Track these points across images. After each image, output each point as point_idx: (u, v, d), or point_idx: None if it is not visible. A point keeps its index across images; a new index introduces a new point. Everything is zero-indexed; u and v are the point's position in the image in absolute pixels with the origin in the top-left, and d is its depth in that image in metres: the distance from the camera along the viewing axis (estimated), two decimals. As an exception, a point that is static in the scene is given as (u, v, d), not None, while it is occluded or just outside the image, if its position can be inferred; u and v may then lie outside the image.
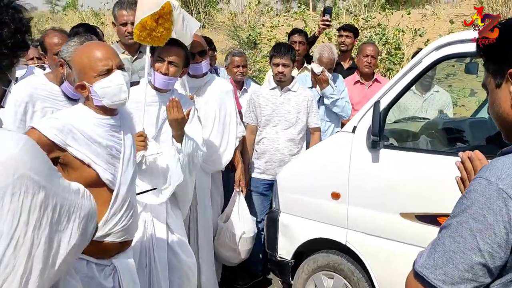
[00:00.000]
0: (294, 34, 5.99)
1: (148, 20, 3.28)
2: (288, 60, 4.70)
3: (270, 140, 4.78)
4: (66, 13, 24.89)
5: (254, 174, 4.92)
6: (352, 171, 3.64)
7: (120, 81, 2.52)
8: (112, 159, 2.55)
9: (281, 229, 4.15)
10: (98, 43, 2.80)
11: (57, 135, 2.37)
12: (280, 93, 4.79)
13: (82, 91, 2.53)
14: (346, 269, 3.77)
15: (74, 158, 2.42)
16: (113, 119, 2.60)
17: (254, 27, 13.00)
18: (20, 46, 1.57)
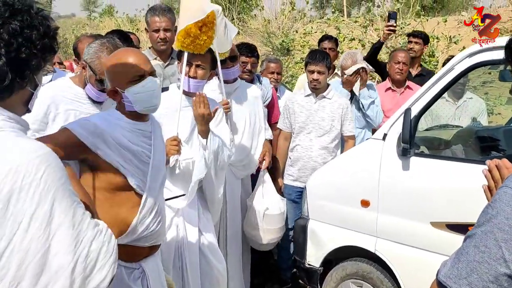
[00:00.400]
0: (324, 41, 5.97)
1: (193, 28, 3.31)
2: (323, 67, 4.69)
3: (304, 148, 4.77)
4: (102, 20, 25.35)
5: (287, 181, 4.91)
6: (382, 179, 3.61)
7: (152, 87, 2.55)
8: (141, 164, 2.57)
9: (310, 236, 4.14)
10: (130, 49, 2.83)
11: (88, 137, 2.40)
12: (315, 100, 4.77)
13: (114, 97, 2.57)
14: (375, 278, 3.73)
15: (103, 161, 2.45)
16: (144, 124, 2.63)
17: (287, 34, 13.01)
18: (48, 49, 1.65)
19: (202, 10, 3.33)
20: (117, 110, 2.62)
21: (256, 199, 4.45)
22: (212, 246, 3.63)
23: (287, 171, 4.93)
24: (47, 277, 1.50)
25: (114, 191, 2.51)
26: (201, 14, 3.31)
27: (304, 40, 11.67)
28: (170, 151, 3.29)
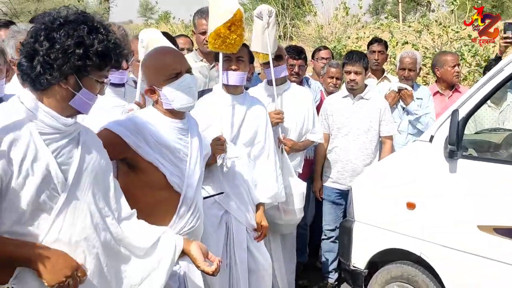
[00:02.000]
0: (374, 43, 5.95)
1: (222, 28, 3.38)
2: (360, 67, 4.69)
3: (342, 149, 4.78)
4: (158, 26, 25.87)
5: (326, 183, 4.92)
6: (428, 181, 3.57)
7: (188, 84, 2.60)
8: (179, 162, 2.63)
9: (355, 238, 4.13)
10: (166, 48, 2.91)
11: (129, 135, 2.49)
12: (353, 101, 4.78)
13: (151, 95, 2.65)
14: (420, 281, 3.69)
15: (143, 160, 2.53)
16: (181, 122, 2.69)
17: (340, 39, 12.96)
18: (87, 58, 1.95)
19: (229, 10, 3.39)
20: (154, 108, 2.68)
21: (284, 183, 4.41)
22: (258, 244, 3.68)
23: (325, 172, 4.95)
24: None
25: (153, 189, 2.59)
26: (228, 15, 3.37)
27: (357, 45, 11.59)
28: (216, 151, 3.34)
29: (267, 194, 3.69)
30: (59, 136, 1.98)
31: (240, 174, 3.54)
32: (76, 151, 2.03)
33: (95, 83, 2.02)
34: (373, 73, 5.93)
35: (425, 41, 10.98)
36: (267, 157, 3.75)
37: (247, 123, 3.66)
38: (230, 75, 3.58)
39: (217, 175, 3.49)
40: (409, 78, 5.12)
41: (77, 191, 2.00)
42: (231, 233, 3.55)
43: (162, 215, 2.60)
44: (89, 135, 2.18)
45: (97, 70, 2.00)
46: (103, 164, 2.17)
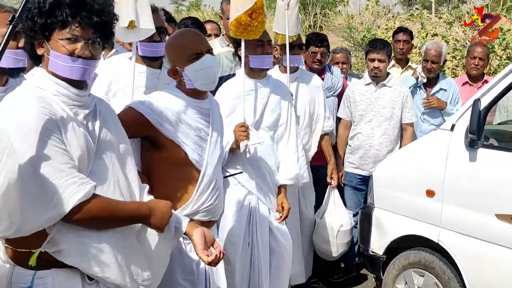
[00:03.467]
0: (399, 33, 5.96)
1: (243, 16, 3.43)
2: (384, 55, 4.74)
3: (365, 136, 4.83)
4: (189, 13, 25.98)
5: (348, 168, 4.98)
6: (448, 169, 3.61)
7: (209, 64, 2.67)
8: (200, 140, 2.72)
9: (374, 224, 4.19)
10: (188, 29, 3.00)
11: (152, 114, 2.59)
12: (375, 89, 4.83)
13: (174, 76, 2.73)
14: (437, 268, 3.74)
15: (165, 138, 2.62)
16: (202, 102, 2.78)
17: (369, 29, 12.89)
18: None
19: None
20: (177, 88, 2.77)
21: (329, 216, 4.60)
22: (279, 224, 3.76)
23: (347, 158, 5.01)
24: None
25: (174, 166, 2.68)
26: (249, 3, 3.43)
27: (386, 36, 11.52)
28: (239, 137, 3.42)
29: (288, 175, 3.76)
30: (81, 107, 2.02)
31: (263, 157, 3.63)
32: (97, 122, 2.08)
33: (64, 42, 1.92)
34: (398, 62, 5.96)
35: (456, 33, 10.86)
36: (288, 138, 3.82)
37: (270, 106, 3.73)
38: (263, 59, 3.63)
39: (240, 157, 3.58)
40: (432, 70, 5.11)
41: (101, 159, 2.05)
42: (254, 213, 3.64)
43: (182, 192, 2.70)
44: (103, 105, 2.21)
45: (61, 29, 1.92)
46: (120, 134, 2.22)
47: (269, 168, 3.68)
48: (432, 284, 3.80)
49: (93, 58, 1.99)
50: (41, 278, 1.94)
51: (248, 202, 3.64)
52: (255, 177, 3.62)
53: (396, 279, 4.04)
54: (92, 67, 2.00)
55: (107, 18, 1.99)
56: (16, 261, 1.96)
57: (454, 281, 3.64)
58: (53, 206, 1.82)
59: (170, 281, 2.70)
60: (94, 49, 1.98)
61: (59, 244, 1.92)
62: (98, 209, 1.93)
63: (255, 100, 3.68)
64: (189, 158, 2.67)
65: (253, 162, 3.61)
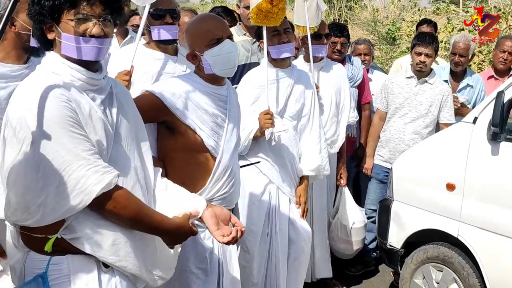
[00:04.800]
0: (423, 25, 5.86)
1: (263, 3, 3.41)
2: (432, 50, 4.61)
3: (397, 130, 4.74)
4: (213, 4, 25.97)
5: (377, 161, 4.91)
6: (469, 163, 3.54)
7: (229, 49, 2.64)
8: (217, 127, 2.71)
9: (393, 217, 4.13)
10: (208, 14, 2.99)
11: (168, 98, 2.58)
12: (416, 83, 4.72)
13: (193, 61, 2.71)
14: (456, 263, 3.68)
15: (181, 123, 2.61)
16: (220, 88, 2.75)
17: (394, 22, 12.75)
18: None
19: None
20: (195, 74, 2.75)
21: (343, 215, 4.57)
22: (298, 214, 3.74)
23: (377, 151, 4.93)
24: None
25: (190, 152, 2.67)
26: None
27: (411, 29, 11.40)
28: (264, 125, 3.40)
29: (310, 166, 3.73)
30: (96, 91, 1.99)
31: (286, 146, 3.61)
32: (114, 106, 2.06)
33: (74, 23, 1.88)
34: (421, 55, 5.85)
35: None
36: (311, 129, 3.78)
37: (294, 96, 3.70)
38: (282, 48, 3.60)
39: (264, 146, 3.57)
40: (459, 64, 5.01)
41: (119, 145, 2.03)
42: (274, 203, 3.63)
43: (197, 178, 2.69)
44: (119, 88, 2.18)
45: (70, 9, 1.87)
46: (136, 119, 2.20)
47: (291, 158, 3.66)
48: (450, 279, 3.73)
49: (106, 36, 1.94)
50: (56, 264, 1.93)
51: (268, 191, 3.63)
52: (276, 166, 3.61)
53: (414, 274, 3.98)
54: (106, 45, 1.95)
55: None
56: (31, 246, 1.95)
57: (473, 276, 3.58)
58: (75, 195, 1.81)
59: (183, 269, 2.69)
60: (106, 26, 1.93)
61: (76, 231, 1.90)
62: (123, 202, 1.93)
63: (278, 90, 3.64)
64: (205, 144, 2.66)
65: (276, 151, 3.60)
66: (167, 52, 3.20)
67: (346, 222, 4.54)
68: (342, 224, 4.54)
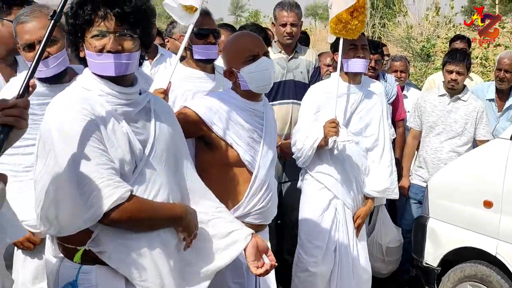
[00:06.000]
0: (456, 41, 5.83)
1: (344, 13, 3.42)
2: (463, 68, 4.58)
3: (433, 149, 4.69)
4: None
5: (415, 181, 4.85)
6: (507, 179, 3.49)
7: (265, 66, 2.68)
8: (253, 142, 2.74)
9: (429, 235, 4.09)
10: (245, 32, 3.04)
11: (206, 113, 2.64)
12: (449, 101, 4.68)
13: (230, 77, 2.76)
14: (494, 282, 3.61)
15: (218, 138, 2.66)
16: (257, 104, 2.79)
17: (429, 39, 12.67)
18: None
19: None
20: (232, 90, 2.80)
21: (377, 233, 4.53)
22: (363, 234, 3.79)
23: (415, 171, 4.88)
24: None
25: (227, 167, 2.71)
26: (352, 0, 3.40)
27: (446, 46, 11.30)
28: (329, 133, 3.42)
29: (377, 187, 3.74)
30: (129, 106, 2.01)
31: (350, 162, 3.64)
32: (150, 121, 2.08)
33: (94, 40, 1.92)
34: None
35: (521, 43, 10.56)
36: (382, 150, 3.76)
37: (359, 114, 3.72)
38: (356, 63, 3.61)
39: (326, 160, 3.61)
40: (504, 80, 4.94)
41: (153, 162, 2.04)
42: (339, 219, 3.65)
43: (234, 193, 2.73)
44: (159, 104, 2.19)
45: (89, 27, 1.92)
46: (176, 136, 2.21)
47: (356, 174, 3.68)
48: (488, 298, 3.67)
49: (124, 51, 1.94)
50: (86, 273, 1.98)
51: (334, 207, 3.65)
52: (341, 181, 3.63)
53: (451, 292, 3.93)
54: (127, 60, 1.95)
55: (129, 8, 1.92)
56: (65, 254, 2.02)
57: (512, 295, 3.52)
58: (89, 207, 1.84)
59: (220, 284, 2.70)
60: (124, 41, 1.94)
61: (103, 244, 1.94)
62: (135, 210, 1.93)
63: (345, 104, 3.66)
64: (242, 159, 2.70)
65: (339, 166, 3.63)
66: (205, 70, 3.25)
67: (382, 240, 4.49)
68: (377, 243, 4.49)
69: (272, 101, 4.38)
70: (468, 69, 4.69)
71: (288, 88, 4.45)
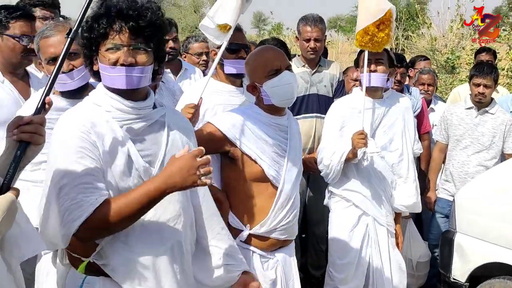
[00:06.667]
0: (482, 53, 5.78)
1: (370, 26, 3.43)
2: (491, 81, 4.55)
3: (460, 163, 4.65)
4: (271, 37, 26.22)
5: (442, 194, 4.81)
6: (537, 194, 3.43)
7: (288, 80, 2.68)
8: (278, 157, 2.73)
9: (456, 250, 4.02)
10: (267, 46, 3.05)
11: (230, 129, 2.64)
12: (476, 114, 4.64)
13: (253, 92, 2.77)
14: (524, 298, 3.54)
15: (242, 154, 2.66)
16: (280, 119, 2.79)
17: (453, 51, 12.56)
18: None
19: (381, 9, 3.43)
20: (256, 105, 2.80)
21: (407, 249, 4.50)
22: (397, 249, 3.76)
23: (442, 185, 4.84)
24: None
25: (252, 182, 2.71)
26: (380, 13, 3.41)
27: (471, 58, 11.19)
28: (358, 144, 3.42)
29: (405, 202, 3.73)
30: (138, 121, 1.99)
31: (377, 177, 3.64)
32: (162, 136, 2.06)
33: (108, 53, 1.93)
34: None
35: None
36: (407, 164, 3.75)
37: (382, 128, 3.72)
38: (372, 77, 3.62)
39: (352, 177, 3.62)
40: None
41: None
42: (370, 234, 3.64)
43: (260, 209, 2.72)
44: (175, 119, 2.16)
45: (103, 40, 1.94)
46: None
47: (383, 188, 3.67)
48: (518, 315, 3.59)
49: (138, 64, 1.94)
50: (89, 284, 2.00)
51: (363, 223, 3.65)
52: (368, 196, 3.62)
53: (479, 309, 3.85)
54: (139, 73, 1.94)
55: (144, 22, 1.92)
56: (72, 263, 2.04)
57: (543, 313, 3.43)
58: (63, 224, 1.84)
59: None
60: (138, 54, 1.94)
61: (108, 257, 1.95)
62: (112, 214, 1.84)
63: (372, 117, 3.67)
64: (266, 174, 2.69)
65: (365, 182, 3.62)
66: (235, 84, 3.26)
67: (412, 255, 4.48)
68: (407, 258, 4.44)
69: (295, 115, 4.36)
70: (496, 82, 4.65)
71: (312, 102, 4.46)
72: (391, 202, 3.71)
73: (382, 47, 3.53)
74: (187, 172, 1.83)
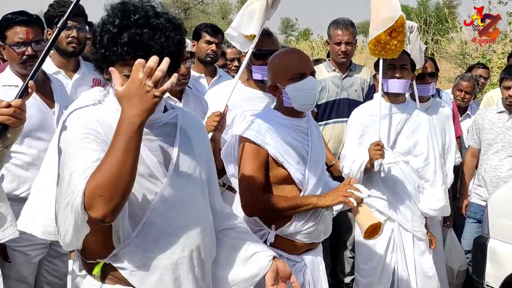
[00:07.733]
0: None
1: (382, 34, 3.43)
2: None
3: (492, 168, 4.60)
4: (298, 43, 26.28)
5: (474, 199, 4.76)
6: None
7: (311, 86, 2.68)
8: (301, 158, 2.73)
9: (489, 256, 3.97)
10: (294, 49, 3.04)
11: (257, 136, 2.65)
12: (508, 118, 4.60)
13: (274, 92, 2.77)
14: (560, 305, 3.48)
15: (270, 157, 2.66)
16: (300, 121, 2.79)
17: (484, 54, 12.40)
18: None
19: (391, 17, 3.44)
20: (274, 109, 2.82)
21: (449, 258, 4.47)
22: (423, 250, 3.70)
23: (474, 190, 4.79)
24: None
25: (277, 185, 2.71)
26: (390, 22, 3.42)
27: (503, 61, 11.04)
28: (374, 156, 3.40)
29: (434, 206, 3.68)
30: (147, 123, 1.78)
31: (402, 182, 3.60)
32: (175, 139, 1.99)
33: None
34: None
35: None
36: (434, 168, 3.71)
37: (405, 134, 3.68)
38: (394, 83, 3.60)
39: (376, 183, 3.59)
40: None
41: (178, 178, 1.95)
42: (396, 240, 3.62)
43: None
44: (189, 122, 2.10)
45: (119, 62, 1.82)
46: (204, 156, 2.11)
47: (409, 194, 3.64)
48: (554, 322, 3.53)
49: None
50: None
51: (388, 228, 3.61)
52: (394, 202, 3.60)
53: (514, 315, 3.80)
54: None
55: (166, 54, 1.74)
56: (87, 271, 1.99)
57: None
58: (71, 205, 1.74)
59: None
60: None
61: (124, 260, 1.89)
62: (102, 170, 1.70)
63: (389, 125, 3.64)
64: (292, 177, 2.69)
65: (390, 189, 3.60)
66: (264, 90, 3.27)
67: (453, 265, 4.47)
68: (449, 267, 4.43)
69: (326, 120, 4.40)
70: None
71: (343, 106, 4.45)
72: (419, 206, 3.67)
73: (397, 54, 3.51)
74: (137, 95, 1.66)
